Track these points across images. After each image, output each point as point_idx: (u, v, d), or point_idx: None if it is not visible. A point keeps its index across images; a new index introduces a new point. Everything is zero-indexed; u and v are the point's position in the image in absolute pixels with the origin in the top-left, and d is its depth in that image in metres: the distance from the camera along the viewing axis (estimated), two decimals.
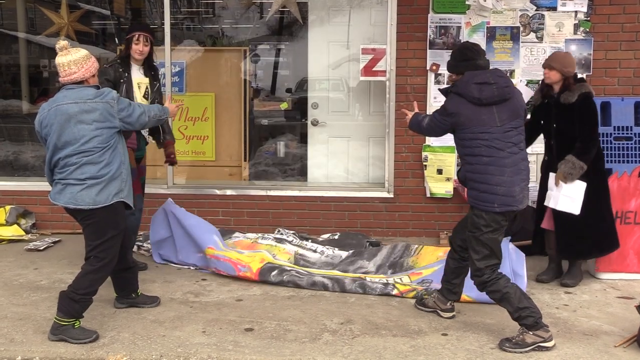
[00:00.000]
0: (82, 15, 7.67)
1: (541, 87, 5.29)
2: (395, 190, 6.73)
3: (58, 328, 4.12)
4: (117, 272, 4.51)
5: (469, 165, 4.13)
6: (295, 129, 7.95)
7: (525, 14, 6.46)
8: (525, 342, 4.02)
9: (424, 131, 4.52)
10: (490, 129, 4.05)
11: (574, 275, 5.29)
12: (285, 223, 6.71)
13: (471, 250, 4.14)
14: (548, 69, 5.09)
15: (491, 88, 4.05)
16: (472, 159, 4.09)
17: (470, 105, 4.06)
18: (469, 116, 4.05)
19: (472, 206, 4.15)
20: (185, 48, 7.51)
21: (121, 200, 4.20)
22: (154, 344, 4.09)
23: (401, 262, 5.58)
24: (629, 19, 6.35)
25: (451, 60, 4.30)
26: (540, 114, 5.23)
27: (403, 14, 6.54)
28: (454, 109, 4.10)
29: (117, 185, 4.16)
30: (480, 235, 4.08)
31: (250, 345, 4.10)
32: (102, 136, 4.10)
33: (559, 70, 5.03)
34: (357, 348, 4.06)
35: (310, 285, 5.13)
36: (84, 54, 4.20)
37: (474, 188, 4.11)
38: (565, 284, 5.23)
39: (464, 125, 4.07)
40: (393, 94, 6.63)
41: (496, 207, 4.04)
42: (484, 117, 4.05)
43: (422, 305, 4.69)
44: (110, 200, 4.14)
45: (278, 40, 8.38)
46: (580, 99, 4.98)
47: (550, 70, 5.07)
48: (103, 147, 4.11)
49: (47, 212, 6.70)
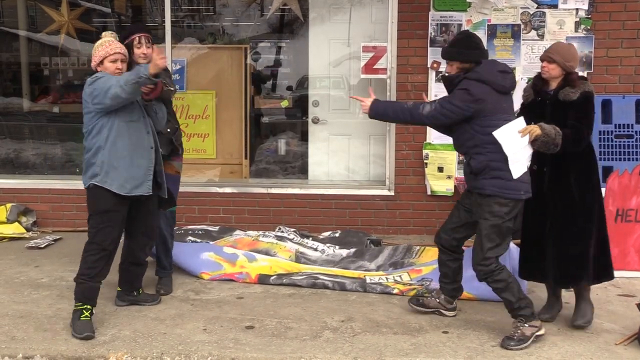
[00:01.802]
0: (83, 12, 7.65)
1: (534, 82, 4.49)
2: (396, 188, 6.73)
3: (73, 313, 4.25)
4: (125, 264, 4.61)
5: (491, 154, 4.08)
6: (296, 127, 7.95)
7: (526, 12, 6.46)
8: (525, 336, 4.04)
9: (423, 119, 4.22)
10: (510, 117, 4.11)
11: (584, 312, 4.44)
12: (286, 221, 6.71)
13: (484, 239, 4.11)
14: (547, 62, 4.33)
15: (511, 76, 4.15)
16: (495, 147, 4.05)
17: (494, 92, 4.07)
18: (494, 103, 4.07)
19: (493, 195, 4.07)
20: (186, 46, 7.51)
21: (99, 184, 4.20)
22: (154, 342, 4.10)
23: (402, 262, 5.58)
24: (630, 17, 6.34)
25: (458, 48, 4.21)
26: (531, 113, 4.34)
27: (404, 11, 6.53)
28: (482, 95, 4.04)
29: (93, 169, 4.21)
30: (502, 223, 4.08)
31: (251, 343, 4.10)
32: (86, 122, 4.25)
33: (560, 64, 4.28)
34: (357, 346, 4.07)
35: (311, 286, 5.14)
36: (95, 44, 4.31)
37: (499, 177, 4.07)
38: (579, 325, 4.39)
39: (489, 112, 4.05)
40: (394, 91, 6.63)
41: (522, 195, 4.10)
42: (504, 105, 4.13)
43: (421, 306, 4.63)
44: (86, 183, 4.27)
45: (279, 38, 8.36)
46: (582, 97, 4.25)
47: (550, 63, 4.32)
48: (89, 131, 4.24)
49: (48, 210, 6.71)
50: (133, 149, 4.23)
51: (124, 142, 4.20)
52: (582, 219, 4.30)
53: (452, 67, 4.24)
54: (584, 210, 4.30)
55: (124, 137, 4.20)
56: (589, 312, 4.43)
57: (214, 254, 5.50)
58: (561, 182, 4.31)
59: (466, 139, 4.19)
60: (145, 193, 4.28)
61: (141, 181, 4.26)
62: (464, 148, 4.24)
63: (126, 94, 4.03)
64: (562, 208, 4.30)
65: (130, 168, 4.22)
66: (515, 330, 4.08)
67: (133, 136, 4.24)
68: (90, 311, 4.23)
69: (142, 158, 4.27)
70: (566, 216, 4.30)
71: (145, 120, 4.34)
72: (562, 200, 4.30)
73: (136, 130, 4.27)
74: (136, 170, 4.24)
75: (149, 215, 4.50)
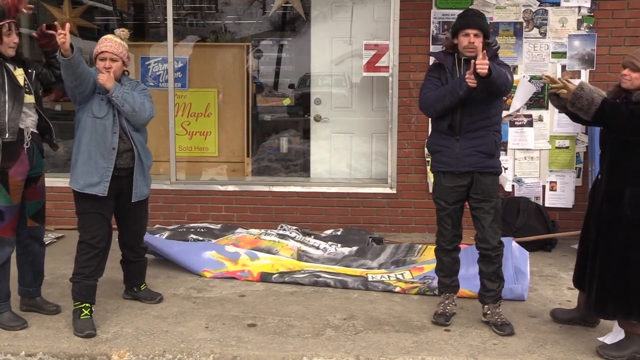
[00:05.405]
0: (85, 11, 7.67)
1: (617, 93, 3.90)
2: (398, 186, 6.74)
3: (73, 313, 4.27)
4: (121, 261, 4.71)
5: (499, 133, 4.27)
6: (298, 125, 7.96)
7: (528, 10, 6.45)
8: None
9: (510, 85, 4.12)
10: None
11: (621, 343, 3.88)
12: (288, 219, 6.72)
13: (495, 223, 4.24)
14: (630, 70, 3.74)
15: None
16: (500, 127, 4.29)
17: None
18: None
19: (496, 173, 4.26)
20: (188, 44, 7.53)
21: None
22: (157, 340, 4.11)
23: (404, 260, 5.59)
24: (633, 14, 6.34)
25: (487, 25, 4.26)
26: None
27: (406, 9, 6.53)
28: None
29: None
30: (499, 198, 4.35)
31: (253, 340, 4.11)
32: None
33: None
34: (359, 344, 4.07)
35: (313, 284, 5.15)
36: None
37: (498, 156, 4.28)
38: (607, 354, 3.86)
39: None
40: (396, 89, 6.64)
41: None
42: None
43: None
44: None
45: (281, 36, 8.38)
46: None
47: (633, 72, 3.73)
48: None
49: (51, 207, 6.67)
50: (95, 146, 4.18)
51: (85, 137, 4.18)
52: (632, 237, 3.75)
53: (485, 41, 4.20)
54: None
55: (86, 132, 4.18)
56: (628, 346, 3.84)
57: (216, 253, 5.51)
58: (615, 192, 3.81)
59: (494, 114, 4.22)
60: (100, 194, 4.17)
61: (97, 181, 4.17)
62: (486, 122, 4.17)
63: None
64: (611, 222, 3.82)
65: (86, 165, 4.18)
66: (500, 314, 4.30)
67: (96, 133, 4.18)
68: (89, 309, 4.24)
69: (101, 158, 4.19)
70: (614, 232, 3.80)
71: (115, 119, 4.22)
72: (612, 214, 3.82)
73: (101, 127, 4.19)
74: (93, 168, 4.17)
75: (126, 214, 4.51)
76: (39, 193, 4.38)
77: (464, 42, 4.14)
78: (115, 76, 4.24)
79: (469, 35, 4.11)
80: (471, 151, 4.16)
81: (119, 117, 4.23)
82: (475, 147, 4.16)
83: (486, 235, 4.21)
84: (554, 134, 6.54)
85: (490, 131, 4.18)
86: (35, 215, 4.38)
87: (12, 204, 4.13)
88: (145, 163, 4.40)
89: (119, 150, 4.23)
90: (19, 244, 4.37)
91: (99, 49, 4.25)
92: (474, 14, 4.24)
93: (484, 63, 3.82)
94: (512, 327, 4.22)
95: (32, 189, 4.30)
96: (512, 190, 6.59)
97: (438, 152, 4.29)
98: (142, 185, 4.41)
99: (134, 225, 4.58)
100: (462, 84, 4.01)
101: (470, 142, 4.16)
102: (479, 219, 4.24)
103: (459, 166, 4.19)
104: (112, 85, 4.14)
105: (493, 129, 4.20)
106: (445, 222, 4.37)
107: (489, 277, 4.27)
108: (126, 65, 4.37)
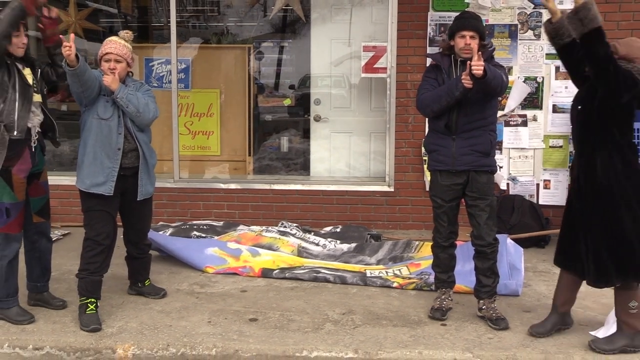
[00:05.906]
0: (90, 13, 7.69)
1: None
2: (396, 184, 6.79)
3: (79, 308, 4.33)
4: (127, 258, 4.78)
5: (494, 133, 4.33)
6: (298, 125, 7.99)
7: (523, 12, 6.51)
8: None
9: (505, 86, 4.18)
10: None
11: (612, 336, 3.99)
12: (288, 216, 6.77)
13: (490, 220, 4.32)
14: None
15: None
16: (495, 126, 4.34)
17: None
18: None
19: (491, 172, 4.34)
20: (191, 45, 7.55)
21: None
22: (160, 334, 4.15)
23: (401, 257, 5.65)
24: (624, 17, 6.37)
25: (483, 27, 4.32)
26: None
27: (404, 12, 6.57)
28: None
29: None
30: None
31: (254, 335, 4.16)
32: None
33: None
34: (358, 338, 4.12)
35: (312, 280, 5.20)
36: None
37: (493, 155, 4.35)
38: (599, 348, 3.94)
39: None
40: (393, 90, 6.68)
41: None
42: None
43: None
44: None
45: (281, 37, 8.41)
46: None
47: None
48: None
49: (57, 205, 6.73)
50: (100, 147, 4.24)
51: (91, 139, 4.24)
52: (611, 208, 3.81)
53: (480, 44, 4.23)
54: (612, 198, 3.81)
55: (91, 133, 4.24)
56: (618, 340, 3.93)
57: (219, 249, 5.56)
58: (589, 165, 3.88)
59: (489, 114, 4.29)
60: (106, 193, 4.23)
61: (103, 181, 4.24)
62: (482, 122, 4.24)
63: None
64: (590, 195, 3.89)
65: (92, 165, 4.24)
66: (495, 309, 4.37)
67: (101, 134, 4.24)
68: (95, 304, 4.29)
69: (107, 158, 4.25)
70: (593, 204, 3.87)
71: (120, 120, 4.29)
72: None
73: (106, 128, 4.26)
74: (99, 168, 4.23)
75: (131, 212, 4.57)
76: (42, 189, 4.46)
77: (460, 44, 4.21)
78: (120, 77, 4.30)
79: (465, 37, 4.19)
80: (467, 150, 4.23)
81: (123, 118, 4.30)
82: (471, 146, 4.23)
83: (481, 232, 4.29)
84: (548, 133, 6.59)
85: (486, 131, 4.25)
86: (40, 211, 4.47)
87: (17, 201, 4.22)
88: (149, 162, 4.48)
89: (124, 150, 4.30)
90: (27, 241, 4.46)
91: (103, 50, 4.32)
92: (470, 17, 4.32)
93: (479, 64, 3.91)
94: (507, 321, 4.28)
95: (34, 185, 4.38)
96: (507, 188, 6.63)
97: (435, 151, 4.36)
98: (147, 183, 4.48)
99: (138, 223, 4.66)
100: (458, 85, 4.09)
101: (466, 142, 4.23)
102: (474, 216, 4.31)
103: (455, 165, 4.26)
104: (117, 87, 4.22)
105: (488, 129, 4.27)
106: (441, 219, 4.43)
107: (484, 273, 4.34)
108: (130, 67, 4.43)
